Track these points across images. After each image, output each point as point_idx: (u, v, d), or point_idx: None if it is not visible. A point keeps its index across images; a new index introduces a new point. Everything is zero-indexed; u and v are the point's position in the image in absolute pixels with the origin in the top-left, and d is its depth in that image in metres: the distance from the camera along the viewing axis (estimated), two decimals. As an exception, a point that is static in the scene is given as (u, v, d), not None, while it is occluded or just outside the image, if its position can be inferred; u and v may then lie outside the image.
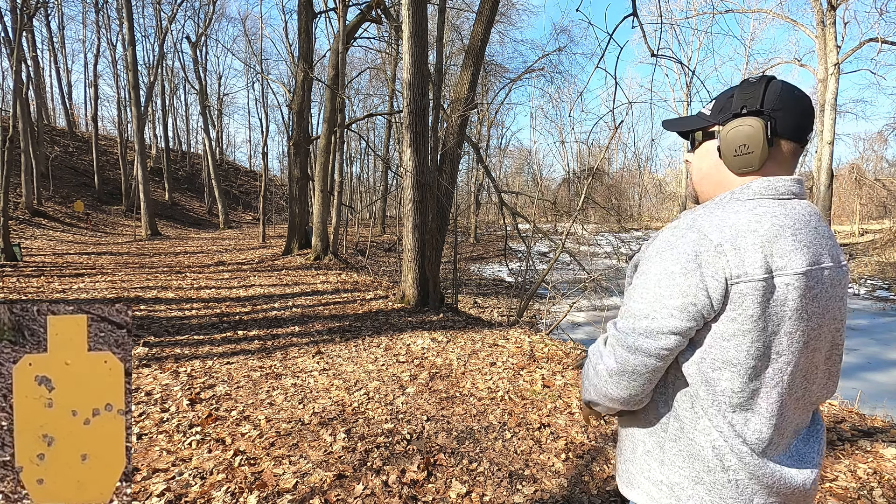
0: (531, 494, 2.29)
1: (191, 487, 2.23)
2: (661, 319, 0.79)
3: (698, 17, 21.29)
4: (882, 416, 3.28)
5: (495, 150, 32.09)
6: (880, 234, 20.35)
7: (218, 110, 32.35)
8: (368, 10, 11.79)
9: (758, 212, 0.78)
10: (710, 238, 0.76)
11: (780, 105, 0.80)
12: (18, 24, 10.87)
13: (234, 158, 46.66)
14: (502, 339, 5.12)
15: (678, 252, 0.78)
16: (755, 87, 0.82)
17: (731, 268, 0.75)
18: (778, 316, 0.76)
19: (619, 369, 0.83)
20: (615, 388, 0.85)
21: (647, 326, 0.80)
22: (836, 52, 13.66)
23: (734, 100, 0.84)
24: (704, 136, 0.90)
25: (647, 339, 0.80)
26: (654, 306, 0.79)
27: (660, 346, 0.79)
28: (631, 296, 0.85)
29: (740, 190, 0.82)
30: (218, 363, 4.14)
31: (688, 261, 0.77)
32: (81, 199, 19.28)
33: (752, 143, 0.80)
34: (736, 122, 0.82)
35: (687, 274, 0.76)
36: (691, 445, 0.82)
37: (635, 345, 0.81)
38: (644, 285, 0.81)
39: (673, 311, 0.78)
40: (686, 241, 0.78)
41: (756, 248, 0.75)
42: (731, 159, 0.83)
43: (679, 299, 0.77)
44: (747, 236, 0.76)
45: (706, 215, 0.80)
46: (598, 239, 13.20)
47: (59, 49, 28.96)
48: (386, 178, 26.31)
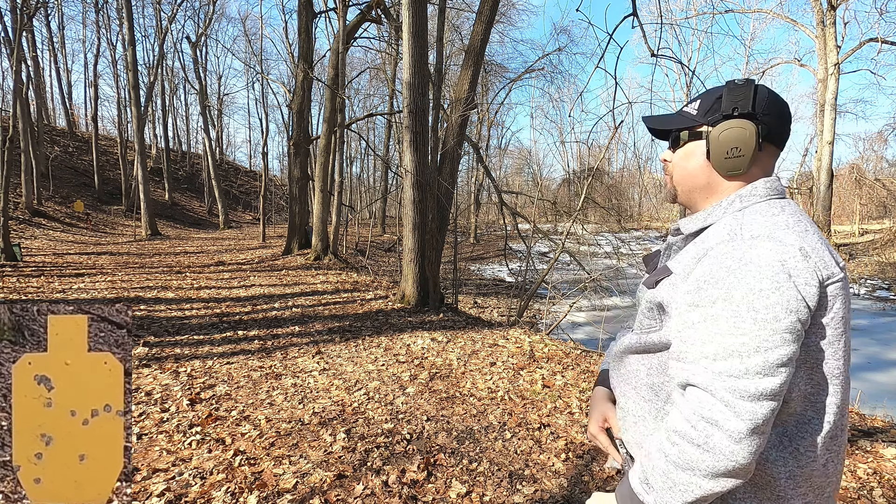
0: (531, 494, 2.29)
1: (191, 487, 2.23)
2: (775, 349, 0.66)
3: (698, 17, 21.31)
4: (882, 416, 3.28)
5: (495, 150, 32.12)
6: (880, 234, 20.34)
7: (218, 110, 32.36)
8: (368, 10, 11.79)
9: (789, 212, 0.75)
10: (788, 242, 0.69)
11: (769, 110, 0.79)
12: (18, 24, 10.87)
13: (234, 158, 46.69)
14: (502, 339, 5.12)
15: (759, 265, 0.68)
16: (744, 90, 0.80)
17: (820, 270, 0.68)
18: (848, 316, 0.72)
19: (751, 428, 0.66)
20: (746, 454, 0.66)
21: (763, 362, 0.66)
22: (836, 52, 13.66)
23: (723, 101, 0.81)
24: (690, 137, 0.86)
25: (768, 378, 0.66)
26: (761, 335, 0.66)
27: (781, 381, 0.66)
28: (713, 331, 0.69)
29: (748, 193, 0.79)
30: (218, 363, 4.14)
31: (776, 273, 0.67)
32: (81, 199, 19.29)
33: (744, 146, 0.78)
34: (728, 123, 0.79)
35: (781, 287, 0.67)
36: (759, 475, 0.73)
37: (759, 389, 0.66)
38: (733, 313, 0.67)
39: (785, 335, 0.66)
40: (763, 252, 0.68)
41: (822, 246, 0.71)
42: (721, 161, 0.80)
43: (786, 318, 0.66)
44: (807, 235, 0.71)
45: (753, 221, 0.74)
46: (598, 239, 13.20)
47: (59, 49, 28.96)
48: (386, 178, 26.32)
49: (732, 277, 0.69)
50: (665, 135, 0.92)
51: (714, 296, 0.70)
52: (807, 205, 19.70)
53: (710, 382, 0.68)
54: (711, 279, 0.71)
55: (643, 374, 0.87)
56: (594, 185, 12.66)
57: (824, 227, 14.36)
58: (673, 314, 0.78)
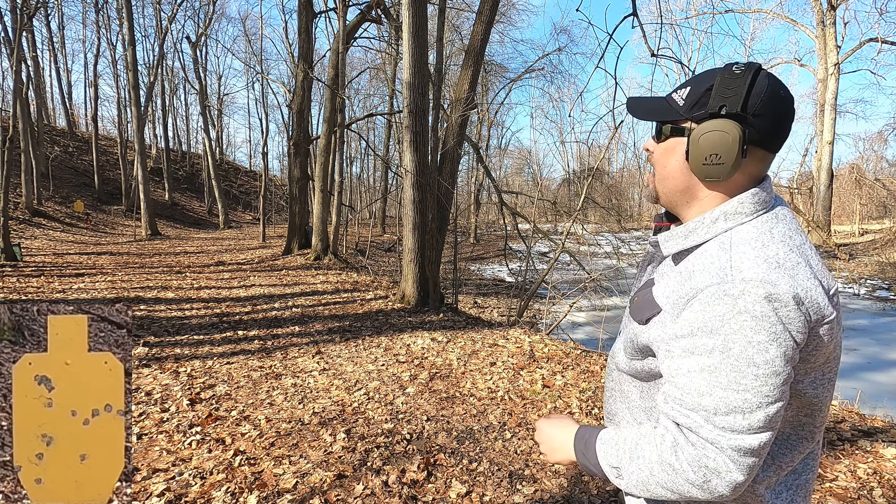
0: (531, 494, 2.29)
1: (191, 487, 2.23)
2: (776, 403, 0.66)
3: (698, 17, 21.32)
4: (882, 416, 3.28)
5: (495, 150, 32.13)
6: (880, 234, 20.33)
7: (218, 110, 32.37)
8: (368, 10, 11.79)
9: (780, 232, 0.71)
10: (779, 289, 0.65)
11: (762, 110, 0.70)
12: (18, 24, 10.87)
13: (234, 158, 46.70)
14: (502, 339, 5.12)
15: (754, 316, 0.65)
16: (738, 83, 0.70)
17: (810, 315, 0.66)
18: (838, 340, 0.72)
19: (747, 477, 0.68)
20: (736, 493, 0.70)
21: (765, 417, 0.66)
22: (836, 52, 13.67)
23: (712, 95, 0.72)
24: (673, 131, 0.77)
25: (768, 433, 0.67)
26: (762, 391, 0.65)
27: (776, 429, 0.68)
28: (713, 383, 0.67)
29: (733, 210, 0.73)
30: (218, 363, 4.14)
31: (772, 324, 0.65)
32: (81, 199, 19.29)
33: (725, 153, 0.70)
34: (711, 125, 0.71)
35: (778, 339, 0.65)
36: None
37: (760, 444, 0.67)
38: (732, 367, 0.66)
39: (782, 388, 0.66)
40: (756, 300, 0.65)
41: (815, 283, 0.67)
42: (698, 167, 0.73)
43: (784, 373, 0.66)
44: (799, 273, 0.67)
45: (741, 256, 0.69)
46: (598, 239, 13.20)
47: (59, 49, 28.98)
48: (386, 178, 26.32)
49: (728, 328, 0.66)
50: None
51: (710, 345, 0.68)
52: (807, 205, 19.69)
53: (715, 438, 0.67)
54: (705, 328, 0.68)
55: (636, 396, 0.87)
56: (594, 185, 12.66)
57: (824, 227, 14.36)
58: (661, 352, 0.75)
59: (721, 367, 0.67)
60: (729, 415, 0.66)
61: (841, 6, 13.88)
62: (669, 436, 0.72)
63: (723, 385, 0.67)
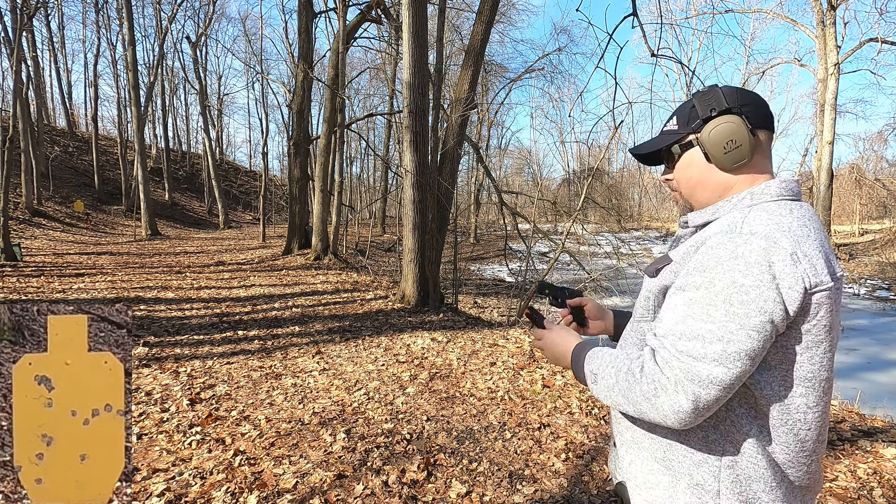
0: (531, 494, 2.29)
1: (191, 487, 2.23)
2: (738, 342, 0.70)
3: (698, 17, 21.31)
4: (882, 416, 3.28)
5: (495, 150, 32.11)
6: (880, 234, 20.35)
7: (218, 110, 32.37)
8: (368, 10, 11.79)
9: (797, 215, 0.76)
10: (781, 245, 0.70)
11: (742, 101, 0.82)
12: (18, 24, 10.87)
13: (234, 158, 46.69)
14: (502, 339, 5.12)
15: (746, 262, 0.70)
16: (712, 93, 0.84)
17: (809, 277, 0.70)
18: (837, 323, 0.75)
19: (693, 408, 0.72)
20: (676, 422, 0.74)
21: (722, 351, 0.70)
22: (836, 52, 13.67)
23: (697, 108, 0.85)
24: (682, 149, 0.88)
25: (721, 367, 0.70)
26: (728, 327, 0.70)
27: (735, 374, 0.71)
28: (688, 314, 0.73)
29: (760, 191, 0.80)
30: (218, 363, 4.14)
31: (761, 272, 0.70)
32: (81, 199, 19.29)
33: (738, 136, 0.80)
34: (713, 122, 0.82)
35: (762, 287, 0.69)
36: (752, 468, 0.77)
37: (710, 377, 0.71)
38: (709, 302, 0.71)
39: (751, 332, 0.70)
40: (754, 249, 0.71)
41: (820, 254, 0.72)
42: (722, 157, 0.82)
43: (757, 317, 0.69)
44: (806, 241, 0.72)
45: (757, 219, 0.75)
46: (598, 239, 13.20)
47: (59, 49, 28.98)
48: (386, 178, 26.31)
49: (720, 268, 0.72)
50: (657, 158, 0.95)
51: (699, 282, 0.74)
52: (807, 205, 19.60)
53: (672, 358, 0.74)
54: (701, 267, 0.74)
55: None
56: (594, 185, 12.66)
57: (824, 227, 14.37)
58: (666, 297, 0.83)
59: (700, 299, 0.73)
60: (690, 340, 0.72)
61: (841, 6, 13.88)
62: (644, 354, 0.79)
63: (695, 315, 0.73)
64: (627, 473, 0.90)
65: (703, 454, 0.79)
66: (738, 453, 0.77)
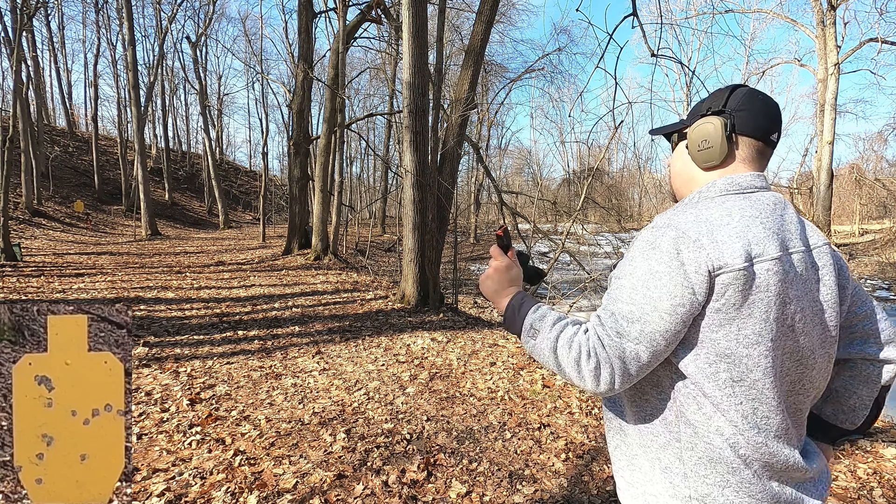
0: (531, 494, 2.29)
1: (191, 487, 2.23)
2: (653, 323, 0.78)
3: (698, 17, 21.31)
4: (882, 416, 3.28)
5: (495, 150, 32.12)
6: (880, 234, 20.35)
7: (218, 110, 32.36)
8: (368, 10, 11.79)
9: (726, 206, 0.82)
10: (687, 234, 0.78)
11: (742, 106, 0.86)
12: (18, 24, 10.87)
13: (234, 158, 46.71)
14: (502, 338, 5.12)
15: (660, 251, 0.79)
16: (722, 92, 0.89)
17: (711, 260, 0.76)
18: (762, 302, 0.77)
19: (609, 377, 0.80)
20: (596, 390, 0.82)
21: (639, 331, 0.78)
22: (836, 52, 13.66)
23: (704, 104, 0.92)
24: (679, 138, 0.96)
25: (640, 346, 0.79)
26: (644, 309, 0.78)
27: (652, 351, 0.79)
28: (618, 296, 0.83)
29: (707, 189, 0.87)
30: (218, 363, 4.14)
31: (670, 259, 0.78)
32: (81, 199, 19.29)
33: (712, 138, 0.86)
34: (700, 121, 0.89)
35: (672, 273, 0.77)
36: (710, 449, 0.80)
37: (633, 353, 0.79)
38: (632, 286, 0.81)
39: (663, 314, 0.77)
40: (666, 239, 0.79)
41: (733, 239, 0.77)
42: (695, 154, 0.90)
43: (668, 301, 0.77)
44: (722, 229, 0.78)
45: (680, 214, 0.84)
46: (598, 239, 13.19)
47: (59, 49, 28.98)
48: (386, 178, 26.32)
49: (641, 257, 0.81)
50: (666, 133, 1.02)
51: (626, 270, 0.83)
52: (807, 205, 19.68)
53: (598, 331, 0.82)
54: (629, 257, 0.84)
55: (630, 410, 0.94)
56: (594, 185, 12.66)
57: (824, 227, 14.36)
58: None
59: (626, 285, 0.82)
60: (619, 321, 0.81)
61: (841, 6, 13.87)
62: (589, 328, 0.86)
63: (623, 299, 0.82)
64: (613, 457, 0.96)
65: (665, 437, 0.84)
66: (695, 434, 0.81)
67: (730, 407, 0.79)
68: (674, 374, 0.83)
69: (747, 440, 0.79)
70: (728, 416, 0.79)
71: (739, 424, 0.79)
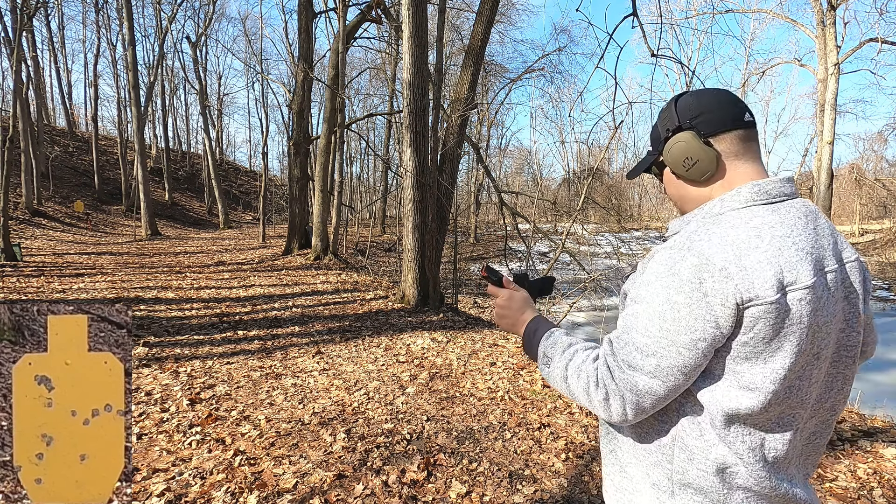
0: (531, 494, 2.29)
1: (191, 487, 2.23)
2: (669, 358, 0.73)
3: (698, 17, 21.29)
4: (882, 416, 3.28)
5: (495, 150, 32.10)
6: (880, 234, 20.36)
7: (218, 110, 32.36)
8: (368, 10, 11.79)
9: (754, 224, 0.74)
10: (712, 261, 0.70)
11: (695, 112, 0.82)
12: (18, 24, 10.87)
13: (234, 158, 46.71)
14: (502, 339, 5.12)
15: (680, 279, 0.72)
16: (667, 112, 0.86)
17: (740, 291, 0.69)
18: (794, 335, 0.71)
19: (632, 414, 0.77)
20: (606, 417, 0.81)
21: (655, 365, 0.74)
22: (836, 52, 13.66)
23: (658, 129, 0.87)
24: (659, 168, 0.91)
25: (655, 380, 0.74)
26: (661, 343, 0.73)
27: (669, 386, 0.75)
28: (633, 325, 0.77)
29: (730, 197, 0.79)
30: (218, 363, 4.14)
31: (692, 290, 0.71)
32: (81, 199, 19.28)
33: (692, 152, 0.81)
34: (669, 143, 0.84)
35: (692, 305, 0.71)
36: (702, 477, 0.77)
37: (646, 388, 0.75)
38: (648, 316, 0.75)
39: (681, 349, 0.72)
40: (686, 266, 0.72)
41: (764, 266, 0.70)
42: (686, 174, 0.84)
43: (687, 335, 0.71)
44: (751, 253, 0.70)
45: (703, 233, 0.75)
46: (598, 239, 13.20)
47: (59, 49, 28.97)
48: (386, 178, 26.32)
49: (658, 284, 0.74)
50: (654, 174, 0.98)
51: (642, 296, 0.77)
52: (807, 205, 19.57)
53: (612, 363, 0.79)
54: (645, 281, 0.77)
55: None
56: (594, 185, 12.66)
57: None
58: None
59: (641, 313, 0.76)
60: (632, 352, 0.77)
61: (841, 6, 13.86)
62: (598, 356, 0.83)
63: (637, 328, 0.76)
64: (605, 460, 0.95)
65: (657, 456, 0.82)
66: (690, 460, 0.78)
67: (737, 438, 0.75)
68: (681, 399, 0.79)
69: (750, 473, 0.75)
70: (734, 447, 0.75)
71: (745, 457, 0.75)
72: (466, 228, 24.79)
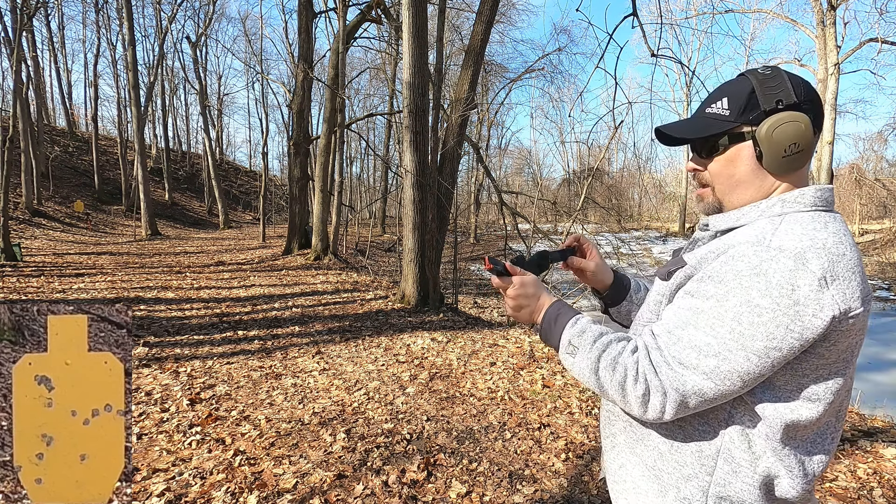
0: (531, 494, 2.29)
1: (191, 487, 2.23)
2: (734, 362, 0.65)
3: (698, 17, 21.30)
4: (882, 416, 3.28)
5: (495, 150, 32.11)
6: (880, 234, 20.36)
7: (218, 110, 32.36)
8: (368, 10, 11.79)
9: (834, 229, 0.67)
10: (810, 268, 0.63)
11: (808, 96, 0.72)
12: (18, 24, 10.87)
13: (234, 158, 46.69)
14: (502, 339, 5.12)
15: (768, 281, 0.64)
16: (778, 80, 0.72)
17: (837, 303, 0.63)
18: (857, 346, 0.69)
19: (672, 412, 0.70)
20: (640, 414, 0.73)
21: (714, 367, 0.66)
22: (836, 52, 13.66)
23: (760, 95, 0.73)
24: (731, 141, 0.76)
25: (709, 382, 0.67)
26: (728, 345, 0.65)
27: (722, 391, 0.67)
28: (691, 321, 0.69)
29: (793, 199, 0.72)
30: (218, 363, 4.14)
31: (782, 295, 0.63)
32: (81, 199, 19.28)
33: (803, 140, 0.70)
34: (778, 118, 0.70)
35: (777, 311, 0.63)
36: (746, 491, 0.71)
37: (696, 388, 0.67)
38: (717, 315, 0.66)
39: (751, 356, 0.65)
40: (780, 269, 0.63)
41: (852, 276, 0.64)
42: (778, 162, 0.72)
43: (762, 342, 0.64)
44: (841, 262, 0.64)
45: (790, 232, 0.67)
46: (598, 239, 13.19)
47: (59, 49, 28.97)
48: (386, 178, 26.32)
49: (737, 283, 0.66)
50: (681, 140, 0.82)
51: (710, 292, 0.68)
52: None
53: (660, 362, 0.70)
54: (717, 276, 0.68)
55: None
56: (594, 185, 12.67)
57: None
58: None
59: (707, 310, 0.68)
60: (686, 348, 0.68)
61: (841, 6, 13.87)
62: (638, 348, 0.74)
63: (698, 325, 0.68)
64: (616, 476, 0.86)
65: (694, 469, 0.74)
66: (734, 473, 0.72)
67: (791, 450, 0.70)
68: (730, 408, 0.72)
69: (793, 485, 0.71)
70: (786, 460, 0.70)
71: (794, 469, 0.71)
72: (466, 228, 24.80)
